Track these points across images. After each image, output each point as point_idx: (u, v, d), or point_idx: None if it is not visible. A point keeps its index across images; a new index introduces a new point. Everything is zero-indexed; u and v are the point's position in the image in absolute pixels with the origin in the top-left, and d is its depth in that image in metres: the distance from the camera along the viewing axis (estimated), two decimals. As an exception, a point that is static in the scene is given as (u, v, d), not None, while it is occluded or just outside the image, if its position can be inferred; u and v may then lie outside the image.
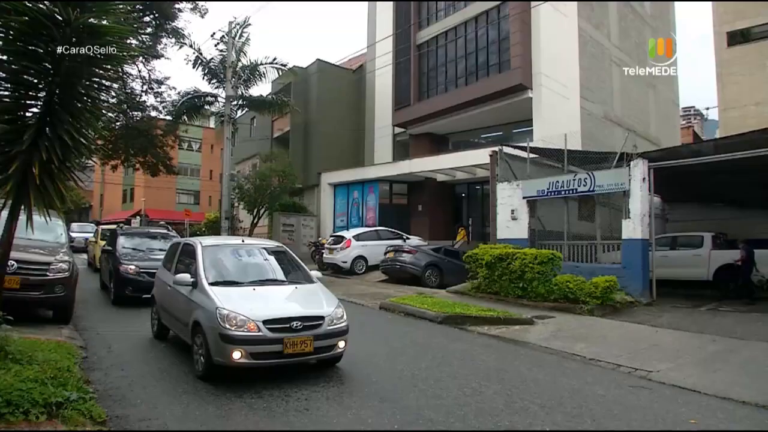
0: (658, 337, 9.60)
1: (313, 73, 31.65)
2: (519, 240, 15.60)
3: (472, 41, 25.52)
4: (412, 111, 28.26)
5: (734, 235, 18.44)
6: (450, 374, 6.88)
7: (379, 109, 31.48)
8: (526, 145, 17.24)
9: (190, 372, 6.55)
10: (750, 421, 5.40)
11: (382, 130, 31.28)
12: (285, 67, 23.26)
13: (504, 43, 23.80)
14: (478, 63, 25.18)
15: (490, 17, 24.64)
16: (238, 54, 22.21)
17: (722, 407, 5.81)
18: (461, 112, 25.52)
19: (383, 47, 28.53)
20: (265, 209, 27.25)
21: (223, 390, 5.84)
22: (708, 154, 13.63)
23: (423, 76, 28.25)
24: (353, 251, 20.14)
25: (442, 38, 27.06)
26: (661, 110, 29.88)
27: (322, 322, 6.42)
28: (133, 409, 5.31)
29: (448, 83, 26.75)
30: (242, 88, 23.07)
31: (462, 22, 25.92)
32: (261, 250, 8.06)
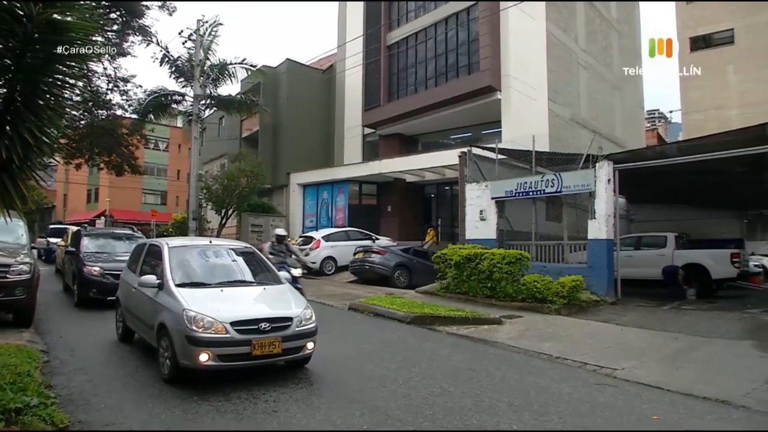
0: (622, 335, 9.78)
1: (283, 73, 31.47)
2: (487, 240, 15.72)
3: (442, 43, 25.67)
4: (382, 111, 28.29)
5: (696, 235, 18.92)
6: (419, 374, 6.89)
7: (349, 109, 31.44)
8: (494, 146, 17.39)
9: (156, 375, 6.44)
10: (711, 416, 5.52)
11: (351, 131, 31.25)
12: (254, 67, 23.12)
13: (473, 45, 23.99)
14: (447, 64, 25.33)
15: (459, 19, 24.81)
16: (206, 53, 21.96)
17: (684, 403, 5.94)
18: (431, 113, 25.63)
19: (353, 47, 28.49)
20: (234, 210, 26.99)
21: (190, 393, 5.76)
22: (671, 156, 13.93)
23: (393, 76, 28.30)
24: (322, 252, 20.07)
25: (413, 39, 27.15)
26: (627, 113, 30.45)
27: (291, 324, 6.38)
28: (97, 413, 5.21)
29: (418, 84, 26.84)
30: (210, 88, 22.84)
31: (432, 24, 26.05)
32: (229, 251, 7.97)
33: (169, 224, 35.96)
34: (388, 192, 27.06)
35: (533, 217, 15.66)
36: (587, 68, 25.90)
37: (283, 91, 31.35)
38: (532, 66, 22.38)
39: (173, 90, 23.12)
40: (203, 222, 26.73)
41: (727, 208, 21.96)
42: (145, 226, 32.70)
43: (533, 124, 20.44)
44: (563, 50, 23.86)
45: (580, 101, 24.91)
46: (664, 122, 72.71)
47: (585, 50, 25.74)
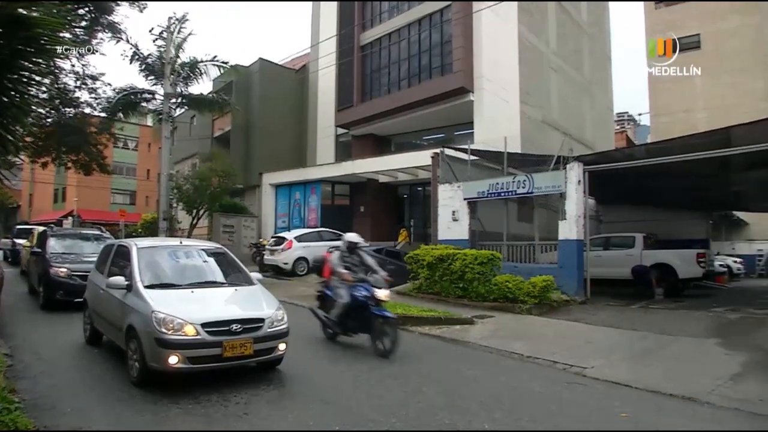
0: (592, 334, 9.92)
1: (255, 72, 31.22)
2: (460, 241, 15.80)
3: (416, 44, 25.75)
4: (355, 112, 28.27)
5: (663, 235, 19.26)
6: (391, 375, 6.89)
7: (322, 109, 31.34)
8: (467, 147, 17.49)
9: (125, 378, 6.31)
10: (677, 413, 5.63)
11: (324, 131, 31.15)
12: (226, 65, 22.89)
13: (446, 47, 24.11)
14: (421, 65, 25.42)
15: (433, 20, 24.91)
16: (177, 50, 21.69)
17: (652, 400, 6.05)
18: (404, 113, 25.68)
19: (327, 47, 28.38)
20: (205, 210, 26.72)
21: (159, 396, 5.66)
22: (640, 158, 14.18)
23: (366, 77, 28.30)
24: (295, 252, 19.93)
25: (386, 40, 27.19)
26: (597, 115, 30.87)
27: (263, 325, 6.32)
28: (64, 418, 5.10)
29: (391, 85, 26.89)
30: (182, 86, 22.55)
31: (406, 25, 26.12)
32: (200, 252, 7.86)
33: (139, 225, 35.43)
34: (361, 192, 27.03)
35: (505, 218, 15.80)
36: (558, 71, 26.19)
37: (256, 90, 31.12)
38: (504, 68, 22.56)
39: (143, 88, 22.79)
40: (174, 222, 26.35)
41: (693, 209, 22.41)
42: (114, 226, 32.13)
43: (505, 125, 20.60)
44: (535, 53, 24.10)
45: (551, 103, 25.19)
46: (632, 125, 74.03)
47: (556, 53, 26.03)
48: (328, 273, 8.97)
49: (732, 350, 8.34)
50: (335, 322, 8.47)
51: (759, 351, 8.30)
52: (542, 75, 24.68)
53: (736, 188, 19.45)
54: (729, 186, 18.75)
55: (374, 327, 7.93)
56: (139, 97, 22.83)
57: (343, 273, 8.28)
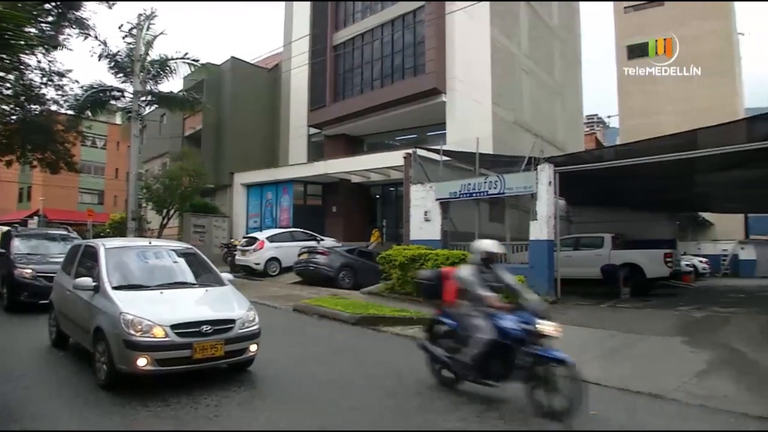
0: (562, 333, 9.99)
1: (227, 71, 30.94)
2: (432, 241, 15.85)
3: (389, 44, 25.77)
4: (327, 112, 28.19)
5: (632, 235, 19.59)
6: (364, 375, 6.89)
7: (294, 109, 31.19)
8: (439, 148, 17.59)
9: (93, 381, 6.19)
10: (644, 410, 5.73)
11: (297, 131, 31.00)
12: (197, 63, 22.57)
13: (419, 47, 24.18)
14: (393, 66, 25.45)
15: (406, 21, 24.96)
16: (147, 48, 21.31)
17: (621, 398, 6.15)
18: (377, 114, 25.69)
19: (300, 47, 28.27)
20: (175, 210, 26.36)
21: (128, 399, 5.56)
22: (609, 159, 14.40)
23: (339, 77, 28.24)
24: (266, 253, 19.80)
25: (359, 40, 27.16)
26: (567, 117, 31.28)
27: (233, 326, 6.26)
28: (29, 423, 5.01)
29: (364, 85, 26.87)
30: (151, 84, 22.17)
31: (379, 25, 26.13)
32: (169, 252, 7.75)
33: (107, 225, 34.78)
34: (334, 193, 26.97)
35: (477, 218, 15.89)
36: (530, 73, 26.47)
37: (227, 89, 30.84)
38: (476, 70, 22.72)
39: (112, 86, 22.31)
40: (143, 222, 25.99)
41: (660, 210, 22.84)
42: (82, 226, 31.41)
43: (477, 126, 20.73)
44: (507, 55, 24.31)
45: (523, 105, 25.43)
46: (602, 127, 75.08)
47: (528, 56, 26.30)
48: (452, 295, 6.40)
49: (697, 348, 8.52)
50: (469, 366, 5.81)
51: (723, 348, 8.49)
52: (514, 77, 24.91)
53: (701, 190, 19.90)
54: (695, 187, 19.18)
55: (536, 375, 5.45)
56: (107, 94, 22.36)
57: (489, 297, 5.83)
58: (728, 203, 26.22)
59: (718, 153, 12.31)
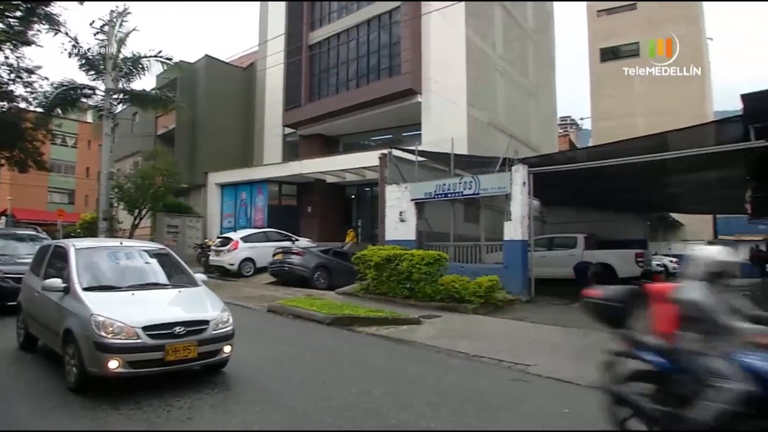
0: (536, 332, 10.13)
1: (201, 69, 30.64)
2: (407, 241, 15.89)
3: (364, 44, 25.74)
4: (303, 112, 28.04)
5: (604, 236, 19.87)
6: (339, 375, 6.87)
7: (269, 108, 30.98)
8: (414, 148, 17.61)
9: (62, 384, 6.06)
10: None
11: (272, 130, 30.81)
12: (170, 61, 22.31)
13: (395, 48, 24.19)
14: (369, 66, 25.43)
15: (382, 21, 24.95)
16: (119, 45, 21.01)
17: (593, 396, 6.18)
18: (352, 114, 25.63)
19: (275, 46, 28.10)
20: (148, 210, 25.99)
21: (99, 402, 5.47)
22: (582, 160, 14.58)
23: (315, 77, 28.12)
24: (241, 253, 19.65)
25: (335, 40, 27.08)
26: (541, 119, 31.59)
27: (207, 327, 6.19)
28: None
29: (339, 85, 26.80)
30: (123, 82, 21.85)
31: (354, 25, 26.08)
32: (141, 253, 7.64)
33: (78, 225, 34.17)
34: (309, 193, 26.85)
35: (452, 219, 15.97)
36: (504, 75, 26.67)
37: (201, 88, 30.53)
38: (451, 70, 22.82)
39: (83, 83, 21.94)
40: (115, 222, 25.57)
41: (632, 211, 23.21)
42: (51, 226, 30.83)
43: (453, 127, 20.80)
44: (482, 56, 24.47)
45: (497, 106, 25.61)
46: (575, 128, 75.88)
47: (503, 57, 26.49)
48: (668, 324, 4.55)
49: (668, 346, 8.64)
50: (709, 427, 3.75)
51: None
52: (489, 78, 25.08)
53: (672, 191, 20.27)
54: (666, 188, 19.52)
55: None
56: (78, 92, 21.98)
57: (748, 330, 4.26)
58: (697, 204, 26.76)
59: (688, 155, 12.54)
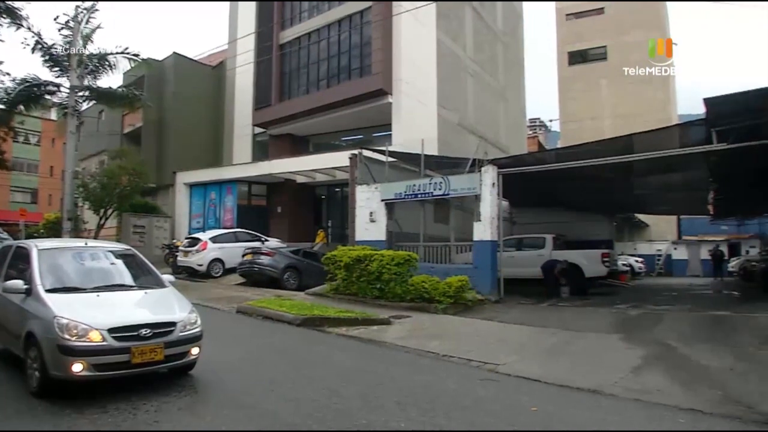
0: (505, 332, 10.22)
1: (169, 67, 30.25)
2: (377, 242, 15.90)
3: (335, 44, 25.70)
4: (273, 111, 27.87)
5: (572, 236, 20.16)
6: (309, 376, 6.83)
7: (239, 107, 30.73)
8: (385, 149, 17.63)
9: (24, 389, 5.90)
10: (583, 405, 5.89)
11: (241, 130, 30.58)
12: (138, 58, 21.89)
13: (366, 48, 24.19)
14: (340, 66, 25.39)
15: (353, 22, 24.93)
16: (85, 41, 20.57)
17: (560, 394, 6.31)
18: (322, 114, 25.57)
19: (245, 44, 27.87)
20: (114, 210, 25.53)
21: (62, 407, 5.33)
22: (550, 162, 14.80)
23: (285, 76, 27.98)
24: (209, 254, 19.44)
25: (305, 39, 26.97)
26: (511, 120, 31.91)
27: (174, 329, 6.09)
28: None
29: (310, 85, 26.71)
30: (89, 79, 21.40)
31: (325, 25, 26.00)
32: (107, 254, 7.49)
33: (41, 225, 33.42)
34: (279, 193, 26.70)
35: (422, 219, 16.03)
36: (474, 76, 26.87)
37: (170, 86, 30.15)
38: (422, 71, 22.92)
39: (47, 80, 21.40)
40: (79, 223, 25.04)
41: (599, 212, 23.59)
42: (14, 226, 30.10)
43: (423, 128, 20.91)
44: (452, 58, 24.62)
45: (467, 107, 25.80)
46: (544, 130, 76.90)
47: (473, 59, 26.69)
48: None
49: (633, 345, 8.83)
50: None
51: (657, 345, 8.82)
52: (459, 80, 25.25)
53: (638, 192, 20.68)
54: (631, 190, 19.91)
55: None
56: (42, 89, 21.44)
57: None
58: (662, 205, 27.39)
59: (653, 157, 12.81)
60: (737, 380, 6.73)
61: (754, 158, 13.17)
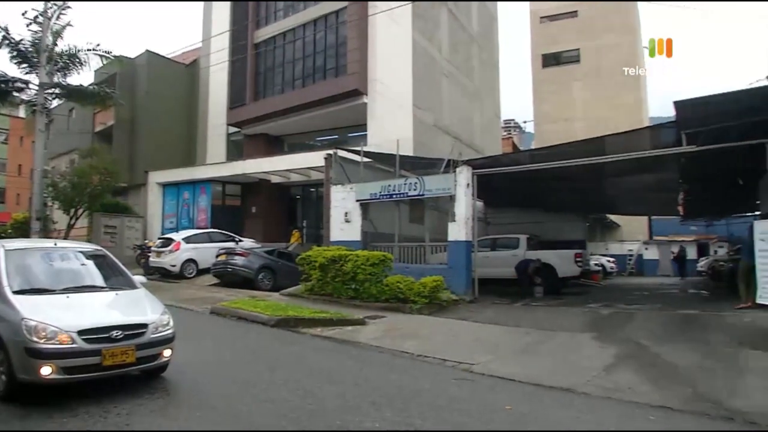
0: (479, 332, 10.28)
1: (142, 65, 29.81)
2: (352, 242, 15.88)
3: (311, 44, 25.60)
4: (247, 110, 27.66)
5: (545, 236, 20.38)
6: (283, 378, 6.80)
7: (213, 106, 30.42)
8: (360, 149, 17.64)
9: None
10: (556, 403, 5.95)
11: (216, 129, 30.27)
12: (110, 55, 21.54)
13: (341, 48, 24.14)
14: (315, 66, 25.30)
15: (328, 21, 24.86)
16: (55, 37, 20.18)
17: (534, 393, 6.36)
18: (297, 114, 25.45)
19: (219, 43, 27.57)
20: (84, 210, 25.12)
21: (30, 411, 5.23)
22: (524, 163, 14.94)
23: (260, 75, 27.80)
24: (183, 254, 19.25)
25: (281, 39, 26.82)
26: (485, 121, 32.07)
27: (146, 330, 6.00)
28: None
29: (285, 84, 26.56)
30: (59, 76, 21.00)
31: (301, 24, 25.89)
32: (77, 254, 7.36)
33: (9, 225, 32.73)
34: (253, 193, 26.52)
35: (397, 219, 16.06)
36: (450, 77, 26.96)
37: (142, 84, 29.71)
38: (398, 72, 22.92)
39: (15, 76, 20.93)
40: (49, 223, 24.56)
41: (572, 212, 23.88)
42: (-20, 226, 29.52)
43: (398, 128, 20.91)
44: (428, 58, 24.67)
45: (442, 108, 25.87)
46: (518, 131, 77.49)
47: (448, 60, 26.78)
48: None
49: (605, 343, 8.95)
50: None
51: (628, 343, 8.95)
52: (434, 80, 25.31)
53: (610, 193, 20.98)
54: (604, 191, 20.18)
55: None
56: (9, 85, 20.98)
57: None
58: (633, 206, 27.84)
59: (625, 159, 13.00)
60: (706, 377, 6.87)
61: (722, 160, 13.46)
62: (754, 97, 10.62)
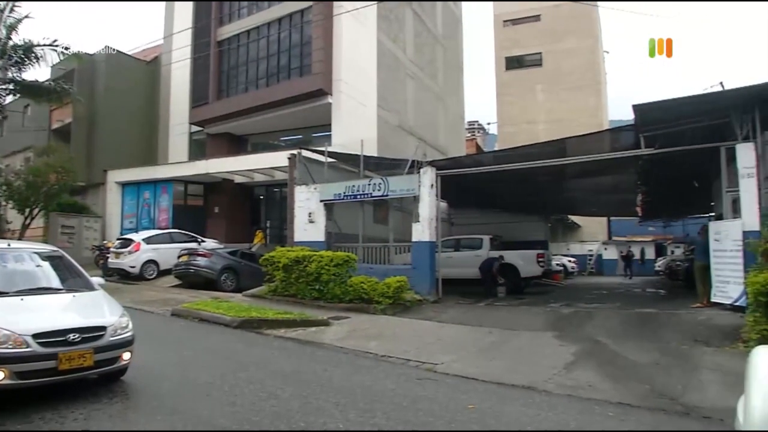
0: (443, 331, 10.36)
1: (101, 61, 29.10)
2: (316, 242, 15.83)
3: (275, 43, 25.40)
4: (210, 109, 27.30)
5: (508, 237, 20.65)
6: (246, 380, 6.73)
7: (175, 105, 29.95)
8: (324, 149, 17.59)
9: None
10: (518, 401, 6.02)
11: (177, 128, 29.80)
12: (68, 51, 21.01)
13: (306, 48, 24.02)
14: (279, 65, 25.13)
15: (293, 20, 24.71)
16: (9, 31, 19.62)
17: (497, 391, 6.44)
18: (261, 113, 25.24)
19: (182, 40, 27.14)
20: (40, 209, 24.44)
21: (-20, 417, 5.07)
22: (487, 164, 15.13)
23: (223, 74, 27.46)
24: (143, 255, 18.88)
25: (245, 37, 26.54)
26: (449, 123, 32.35)
27: (104, 333, 5.87)
28: None
29: (249, 83, 26.31)
30: (14, 71, 20.41)
31: (265, 23, 25.66)
32: (32, 255, 7.16)
33: (-40, 225, 31.74)
34: (216, 193, 26.20)
35: (361, 220, 16.07)
36: (414, 78, 27.11)
37: (101, 80, 29.02)
38: (362, 72, 22.95)
39: (-34, 72, 20.33)
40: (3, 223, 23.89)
41: (534, 213, 24.25)
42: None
43: (363, 129, 20.94)
44: (392, 59, 24.76)
45: (407, 109, 25.99)
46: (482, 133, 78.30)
47: (413, 61, 26.92)
48: None
49: (566, 342, 9.11)
50: None
51: (588, 341, 9.14)
52: (399, 81, 25.41)
53: (571, 194, 21.37)
54: (565, 192, 20.55)
55: None
56: (-39, 81, 20.36)
57: None
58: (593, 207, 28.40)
59: (585, 161, 13.27)
60: (662, 374, 7.05)
61: (679, 163, 13.84)
62: (707, 103, 10.98)
